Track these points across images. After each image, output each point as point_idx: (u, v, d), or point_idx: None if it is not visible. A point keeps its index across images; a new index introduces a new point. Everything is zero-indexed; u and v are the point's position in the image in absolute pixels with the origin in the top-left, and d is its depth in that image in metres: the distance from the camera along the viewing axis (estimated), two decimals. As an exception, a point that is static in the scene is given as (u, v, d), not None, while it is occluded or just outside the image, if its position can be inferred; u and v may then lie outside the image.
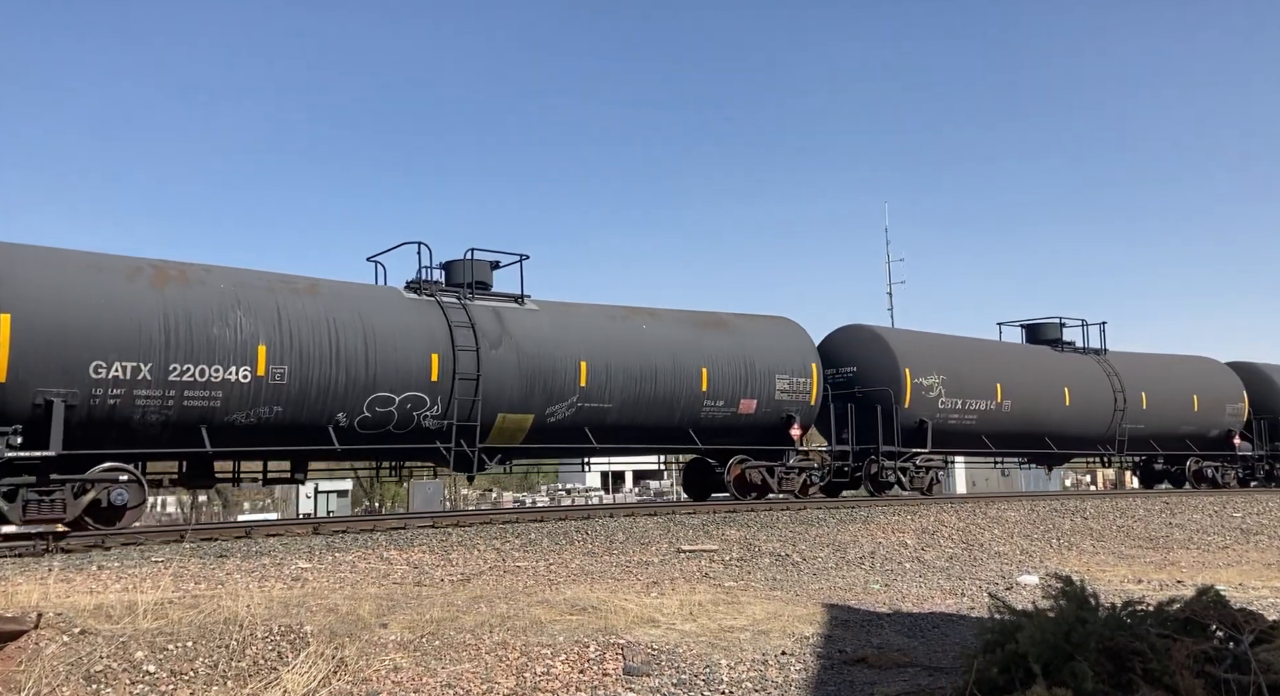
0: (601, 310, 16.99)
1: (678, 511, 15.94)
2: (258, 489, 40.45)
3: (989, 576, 12.28)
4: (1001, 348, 23.53)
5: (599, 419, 15.99)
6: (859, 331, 20.78)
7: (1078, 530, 17.06)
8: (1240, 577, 12.19)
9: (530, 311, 15.98)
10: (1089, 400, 23.38)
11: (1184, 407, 25.75)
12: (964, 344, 22.16)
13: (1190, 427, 25.92)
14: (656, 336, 16.88)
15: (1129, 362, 25.22)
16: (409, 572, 10.73)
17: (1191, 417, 25.87)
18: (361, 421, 13.84)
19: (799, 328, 19.31)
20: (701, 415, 17.12)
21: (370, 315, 14.07)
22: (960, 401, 20.60)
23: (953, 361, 20.78)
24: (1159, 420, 25.06)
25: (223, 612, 7.07)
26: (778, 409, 17.99)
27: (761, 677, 6.49)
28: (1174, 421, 25.50)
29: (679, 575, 11.33)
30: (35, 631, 6.54)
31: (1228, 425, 26.78)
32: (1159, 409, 24.99)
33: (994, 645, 5.10)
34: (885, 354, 19.99)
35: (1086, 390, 23.39)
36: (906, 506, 17.88)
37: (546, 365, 15.36)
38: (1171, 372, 26.19)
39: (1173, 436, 25.67)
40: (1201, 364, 27.77)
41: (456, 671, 6.38)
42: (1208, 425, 26.38)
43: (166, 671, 6.14)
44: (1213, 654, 4.65)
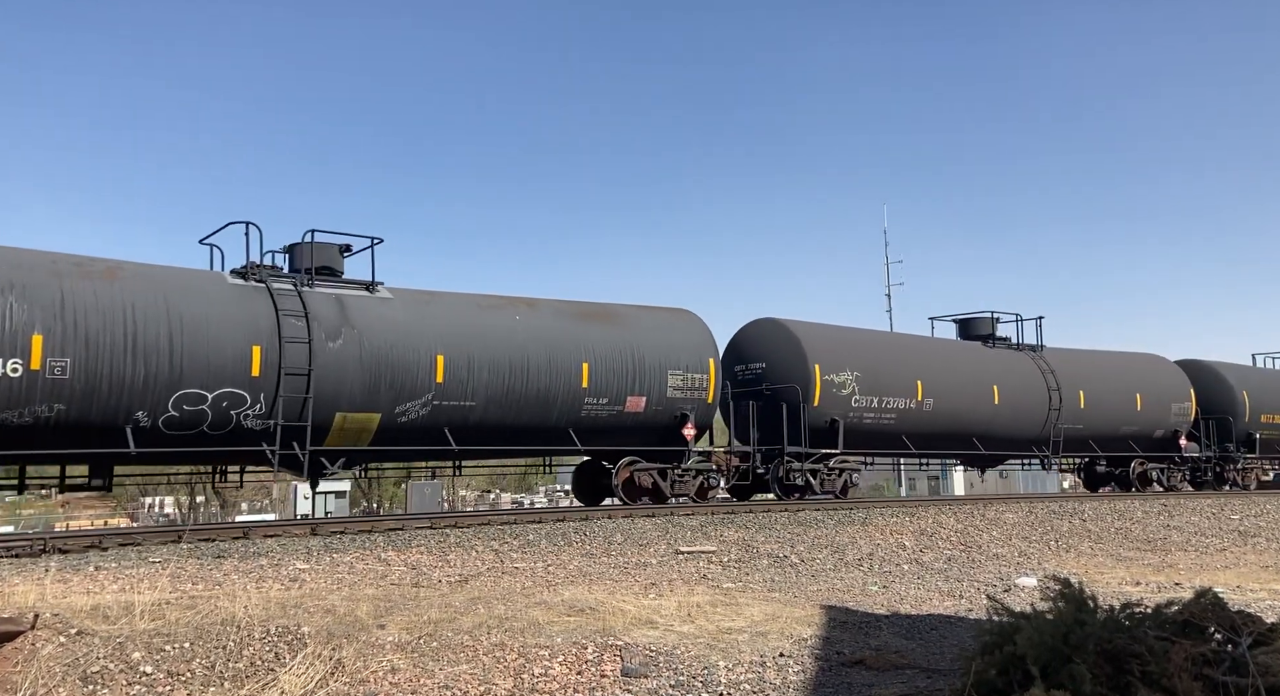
0: (469, 299, 15.77)
1: (676, 512, 15.92)
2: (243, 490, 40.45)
3: (987, 578, 12.28)
4: (923, 343, 22.25)
5: (460, 418, 14.77)
6: (769, 325, 19.61)
7: (1076, 532, 17.06)
8: (1238, 580, 12.19)
9: (381, 300, 14.64)
10: (1020, 399, 22.18)
11: (1126, 407, 24.53)
12: (882, 339, 21.25)
13: (1133, 428, 24.72)
14: (532, 328, 15.69)
15: (1066, 360, 23.95)
16: (407, 574, 10.71)
17: (1134, 417, 24.66)
18: (168, 421, 12.52)
19: (697, 320, 18.12)
20: (583, 414, 15.97)
21: (181, 302, 12.71)
22: (876, 400, 19.44)
23: (868, 357, 19.66)
24: (1098, 420, 23.86)
25: (220, 613, 7.06)
26: (670, 407, 16.84)
27: (759, 679, 6.49)
28: (1115, 421, 24.32)
29: (677, 576, 11.32)
30: (32, 632, 6.53)
31: (1174, 425, 25.57)
32: (1098, 408, 23.77)
33: (992, 647, 5.09)
34: (794, 349, 18.88)
35: (1018, 388, 22.20)
36: (905, 508, 17.88)
37: (396, 359, 14.05)
38: (1113, 370, 24.93)
39: (1114, 437, 24.52)
40: (1147, 361, 26.61)
41: (454, 672, 6.37)
42: (1152, 425, 25.15)
43: (163, 672, 6.13)
44: (1211, 656, 4.65)
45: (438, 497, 33.44)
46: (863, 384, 19.10)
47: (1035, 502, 19.68)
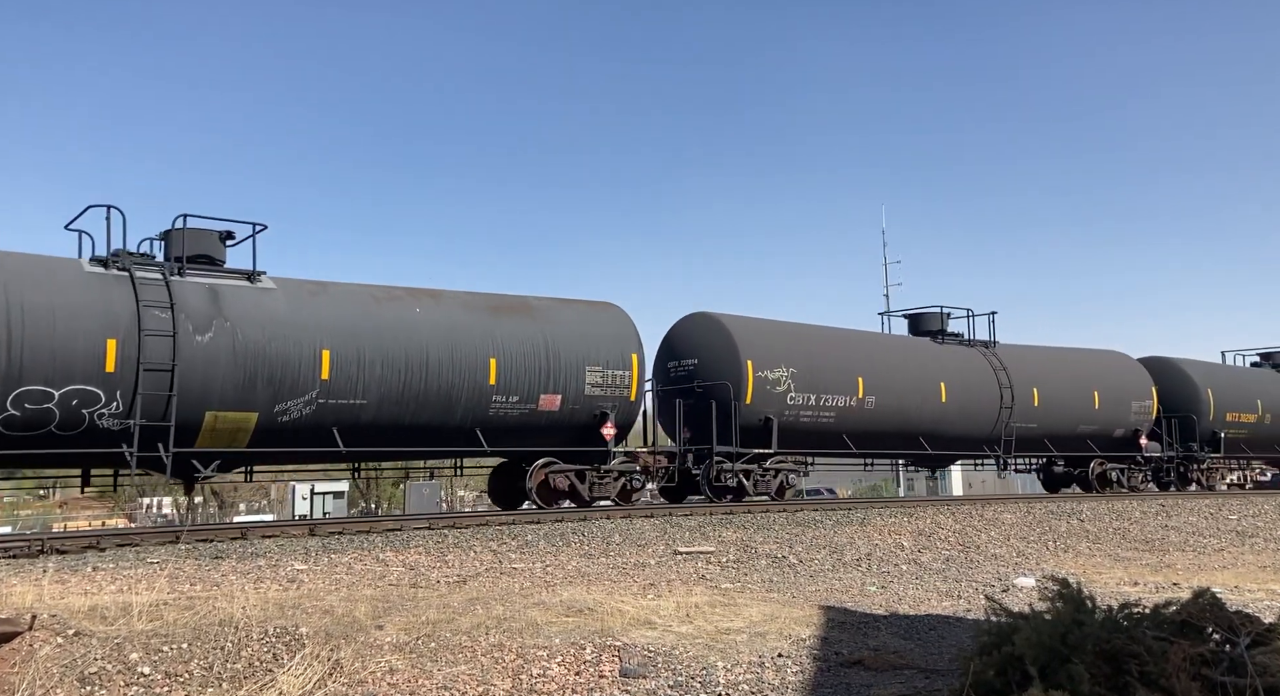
0: (365, 291, 14.73)
1: (674, 513, 15.92)
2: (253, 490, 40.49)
3: (985, 578, 12.29)
4: (865, 338, 21.00)
5: (351, 417, 13.80)
6: (702, 320, 18.61)
7: (1074, 532, 17.07)
8: (1236, 580, 12.20)
9: (263, 290, 13.57)
10: (970, 396, 21.14)
11: (1083, 405, 23.44)
12: (821, 334, 20.05)
13: (1091, 427, 23.66)
14: (434, 321, 14.75)
15: (1020, 356, 22.90)
16: (405, 574, 10.71)
17: (1092, 416, 23.62)
18: (8, 421, 11.56)
19: (621, 313, 17.13)
20: (490, 413, 15.04)
21: (24, 291, 11.71)
22: (814, 397, 18.47)
23: (806, 353, 18.72)
24: (1053, 419, 22.85)
25: (218, 614, 7.05)
26: (589, 405, 15.91)
27: (758, 679, 6.49)
28: (1071, 420, 23.30)
29: (675, 577, 11.32)
30: (29, 633, 6.52)
31: (1134, 424, 24.53)
32: (1053, 406, 22.75)
33: (990, 647, 5.09)
34: (726, 344, 17.88)
35: (967, 385, 21.16)
36: (903, 508, 17.89)
37: (275, 353, 13.05)
38: (1070, 367, 23.89)
39: (1071, 436, 23.48)
40: (1106, 358, 25.56)
41: (453, 673, 6.37)
42: (1111, 424, 24.07)
43: (161, 673, 6.12)
44: (1209, 656, 4.65)
45: (436, 498, 33.41)
46: (799, 381, 18.21)
47: (1033, 503, 19.69)
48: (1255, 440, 27.50)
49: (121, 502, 44.76)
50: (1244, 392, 27.44)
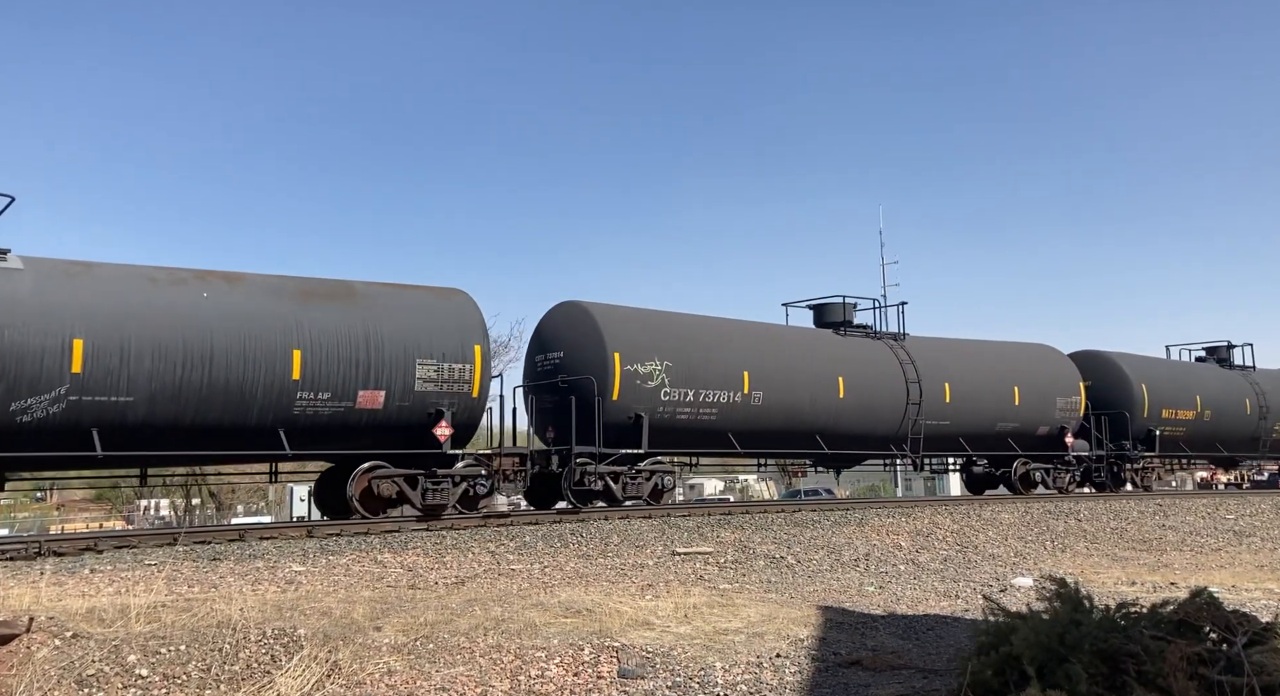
0: (139, 272, 13.03)
1: (673, 513, 15.92)
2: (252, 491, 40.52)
3: (983, 578, 12.30)
4: (751, 330, 19.28)
5: (115, 417, 12.13)
6: (570, 309, 17.08)
7: (1071, 532, 17.09)
8: (1233, 579, 12.21)
9: (5, 272, 11.89)
10: (872, 392, 19.60)
11: (1001, 401, 21.79)
12: (702, 325, 18.44)
13: (1011, 424, 22.00)
14: (223, 307, 13.05)
15: (932, 349, 21.33)
16: (403, 575, 10.71)
17: (1012, 413, 21.94)
18: None
19: (466, 301, 15.28)
20: (296, 412, 13.31)
21: None
22: (692, 393, 16.96)
23: (684, 345, 17.21)
24: (968, 415, 21.22)
25: (216, 616, 7.05)
26: (421, 403, 14.19)
27: (756, 680, 6.49)
28: (989, 417, 21.65)
29: (674, 577, 11.33)
30: (27, 635, 6.51)
31: (1060, 421, 22.83)
32: (967, 402, 21.12)
33: (988, 647, 5.10)
34: (591, 335, 16.38)
35: (870, 380, 19.64)
36: (901, 508, 17.90)
37: (9, 344, 11.52)
38: (988, 361, 22.24)
39: (989, 435, 21.85)
40: (1031, 352, 23.91)
41: (451, 674, 6.37)
42: (1034, 421, 22.41)
43: (159, 675, 6.12)
44: (1206, 656, 4.66)
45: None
46: (675, 375, 16.75)
47: (1031, 503, 19.71)
48: (1195, 438, 26.04)
49: (119, 505, 44.74)
50: (1182, 388, 25.89)
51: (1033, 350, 24.12)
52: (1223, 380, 27.73)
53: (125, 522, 41.72)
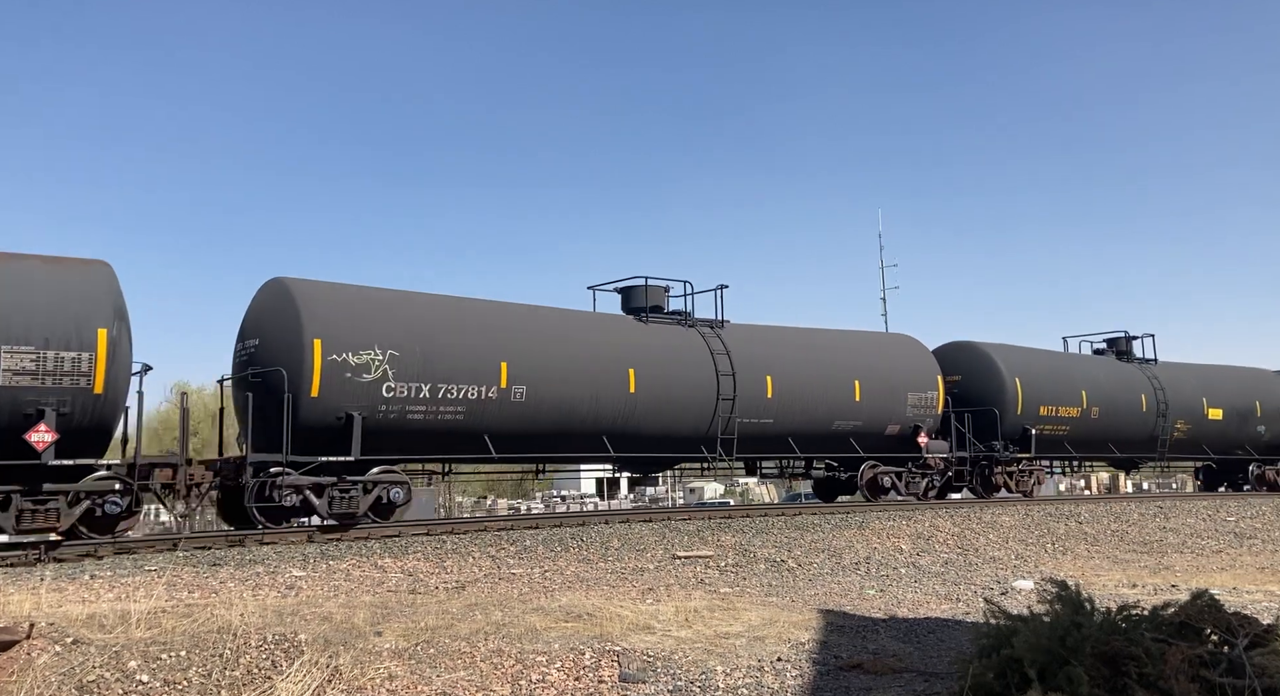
0: None
1: (673, 517, 15.93)
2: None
3: (984, 581, 12.30)
4: (511, 313, 16.22)
5: None
6: (273, 288, 14.38)
7: (1072, 534, 17.09)
8: (1234, 581, 12.21)
9: None
10: (673, 386, 16.87)
11: (839, 397, 19.01)
12: (442, 306, 15.42)
13: (852, 423, 19.25)
14: None
15: (755, 338, 18.71)
16: (404, 580, 10.71)
17: (853, 410, 19.19)
18: None
19: (98, 272, 12.36)
20: None
21: None
22: (428, 388, 14.19)
23: (416, 331, 14.38)
24: (796, 413, 18.45)
25: (216, 621, 7.04)
26: (14, 402, 11.32)
27: (757, 684, 6.49)
28: (822, 415, 18.84)
29: (674, 581, 11.33)
30: (27, 641, 6.51)
31: (913, 419, 20.00)
32: (796, 398, 18.35)
33: (989, 650, 5.10)
34: (289, 318, 13.67)
35: (671, 373, 16.90)
36: (902, 511, 17.90)
37: None
38: (824, 352, 19.44)
39: (824, 435, 19.07)
40: (882, 342, 21.47)
41: (451, 679, 6.36)
42: (880, 420, 19.66)
43: (160, 681, 6.11)
44: (1208, 658, 4.66)
45: (434, 504, 33.40)
46: (403, 366, 13.97)
47: (1032, 506, 19.72)
48: (1081, 437, 23.44)
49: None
50: (1065, 383, 23.13)
51: (885, 340, 21.73)
52: (1116, 374, 24.89)
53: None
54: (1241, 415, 27.19)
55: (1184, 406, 25.74)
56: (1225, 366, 29.24)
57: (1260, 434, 27.76)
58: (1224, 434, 26.90)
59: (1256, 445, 27.74)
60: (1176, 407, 25.41)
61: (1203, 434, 26.40)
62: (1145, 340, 26.75)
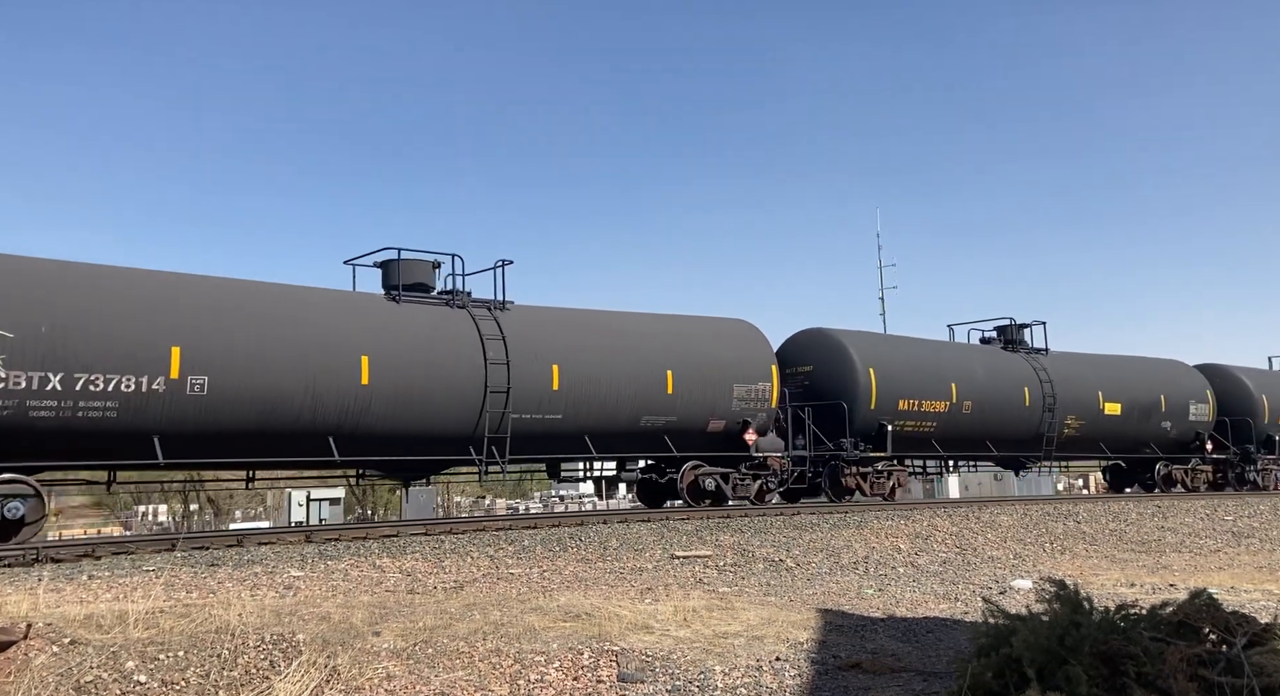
0: None
1: (671, 517, 15.91)
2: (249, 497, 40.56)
3: (983, 581, 12.30)
4: (189, 286, 13.43)
5: None
6: None
7: (1070, 534, 17.10)
8: (1232, 580, 12.22)
9: None
10: (426, 377, 14.39)
11: (647, 390, 16.62)
12: (88, 276, 12.68)
13: (665, 419, 16.89)
14: None
15: (543, 322, 16.26)
16: (402, 580, 10.70)
17: (665, 404, 16.82)
18: None
19: None
20: None
21: None
22: (59, 378, 11.67)
23: (37, 306, 11.77)
24: (592, 408, 16.01)
25: (214, 621, 7.03)
26: None
27: (756, 683, 6.48)
28: (627, 410, 16.43)
29: (673, 581, 11.32)
30: (24, 642, 6.50)
31: (740, 415, 17.81)
32: (588, 391, 15.94)
33: (988, 649, 5.10)
34: None
35: (423, 361, 14.46)
36: (900, 511, 17.90)
37: None
38: (629, 339, 16.98)
39: (630, 433, 16.73)
40: (707, 329, 18.51)
41: (450, 679, 6.36)
42: (699, 415, 17.36)
43: (157, 681, 6.10)
44: (1206, 657, 4.66)
45: (432, 504, 33.39)
46: (23, 352, 11.50)
47: (1030, 505, 19.73)
48: (951, 435, 21.11)
49: (117, 511, 44.69)
50: (931, 374, 20.71)
51: (711, 327, 18.62)
52: (997, 365, 22.43)
53: (123, 528, 41.68)
54: (1144, 410, 24.88)
55: (1076, 400, 23.32)
56: (1127, 357, 26.85)
57: (1166, 430, 25.46)
58: (1123, 431, 24.59)
59: (1162, 443, 25.57)
60: (1067, 402, 23.06)
61: (1099, 430, 24.01)
62: (1035, 328, 24.11)
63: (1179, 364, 27.37)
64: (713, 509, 17.18)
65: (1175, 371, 26.89)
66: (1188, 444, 26.20)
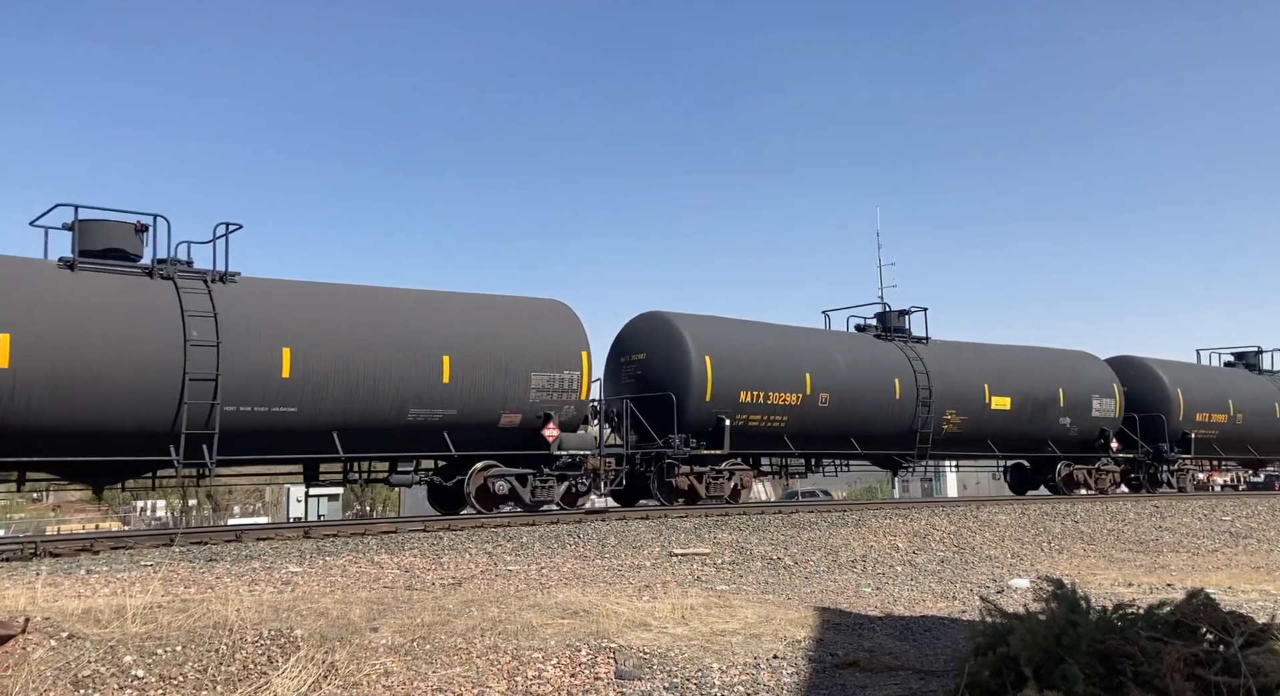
0: None
1: (669, 515, 15.92)
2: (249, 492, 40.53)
3: (980, 580, 12.31)
4: None
5: None
6: None
7: (1068, 533, 17.11)
8: (1229, 580, 12.23)
9: None
10: (106, 362, 12.14)
11: (414, 378, 14.20)
12: None
13: (441, 412, 14.53)
14: None
15: (276, 298, 13.85)
16: (400, 576, 10.70)
17: (439, 395, 14.45)
18: None
19: None
20: None
21: None
22: None
23: None
24: (335, 399, 13.58)
25: (212, 617, 7.04)
26: None
27: (753, 681, 6.49)
28: (386, 402, 13.97)
29: (671, 579, 11.33)
30: (22, 636, 6.50)
31: (541, 406, 15.41)
32: (333, 379, 13.55)
33: (985, 648, 5.10)
34: None
35: (103, 343, 12.19)
36: (898, 510, 17.91)
37: None
38: (389, 319, 14.54)
39: (393, 428, 14.24)
40: (501, 307, 15.99)
41: (448, 675, 6.36)
42: (486, 408, 14.95)
43: (155, 676, 6.11)
44: (1203, 657, 4.66)
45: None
46: None
47: (1028, 504, 19.73)
48: (806, 431, 19.03)
49: (115, 506, 44.70)
50: (782, 364, 18.53)
51: (506, 306, 16.11)
52: (865, 355, 20.25)
53: (122, 523, 41.70)
54: (1039, 405, 22.44)
55: (957, 394, 20.86)
56: (1021, 347, 24.01)
57: (1066, 427, 22.99)
58: (1014, 428, 22.09)
59: (1063, 441, 23.08)
60: (946, 395, 20.60)
61: (985, 427, 21.57)
62: (915, 315, 21.78)
63: (1084, 355, 24.81)
64: (710, 508, 17.14)
65: (1078, 363, 24.17)
66: (1092, 442, 23.76)
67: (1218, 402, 26.07)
